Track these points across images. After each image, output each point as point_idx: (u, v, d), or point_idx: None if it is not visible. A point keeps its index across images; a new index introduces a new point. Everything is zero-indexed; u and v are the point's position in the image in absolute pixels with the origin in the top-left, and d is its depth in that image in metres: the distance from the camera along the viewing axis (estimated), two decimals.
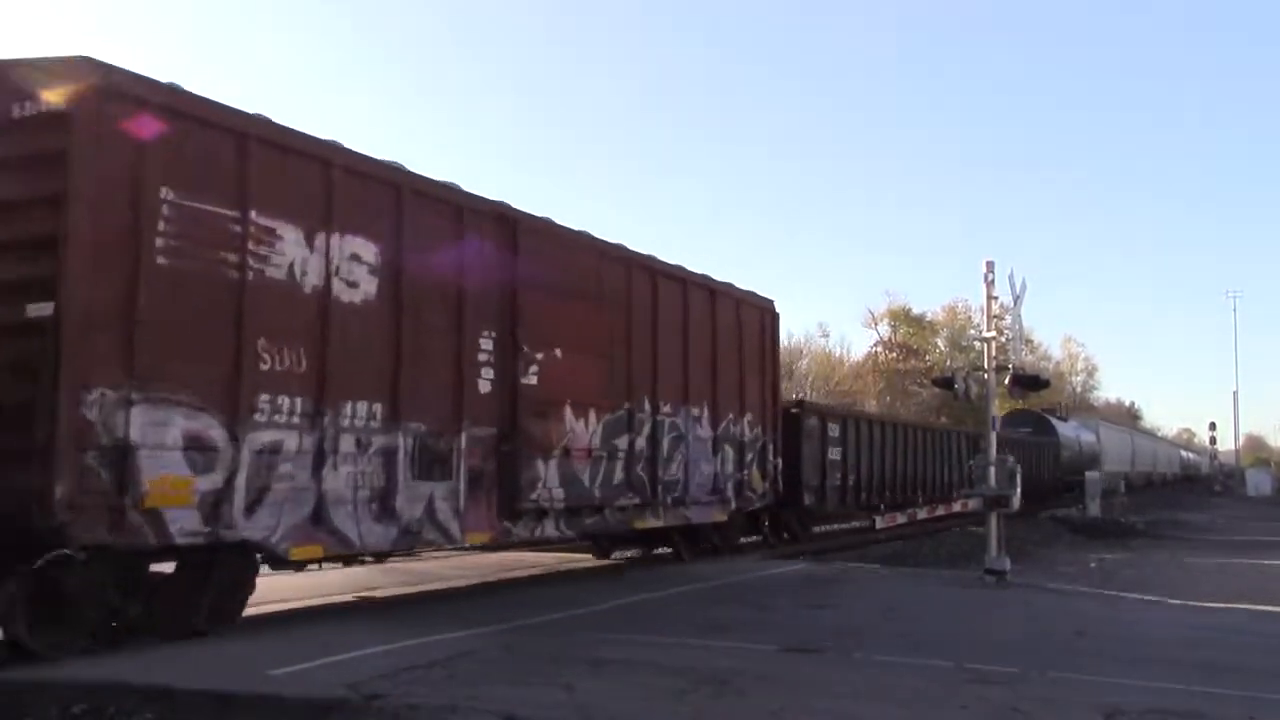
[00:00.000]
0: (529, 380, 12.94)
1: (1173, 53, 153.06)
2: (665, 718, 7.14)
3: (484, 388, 12.38)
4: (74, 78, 8.57)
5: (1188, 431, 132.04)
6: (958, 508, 29.46)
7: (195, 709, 7.09)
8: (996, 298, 17.51)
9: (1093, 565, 19.70)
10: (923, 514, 28.63)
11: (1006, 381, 18.36)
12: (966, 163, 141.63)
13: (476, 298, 12.32)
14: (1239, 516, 37.40)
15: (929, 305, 78.57)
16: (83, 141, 8.45)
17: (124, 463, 8.45)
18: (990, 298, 17.26)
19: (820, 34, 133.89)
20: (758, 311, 19.02)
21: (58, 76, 8.62)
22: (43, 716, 6.92)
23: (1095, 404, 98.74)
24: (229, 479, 9.31)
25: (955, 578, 16.90)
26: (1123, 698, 8.05)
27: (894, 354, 71.02)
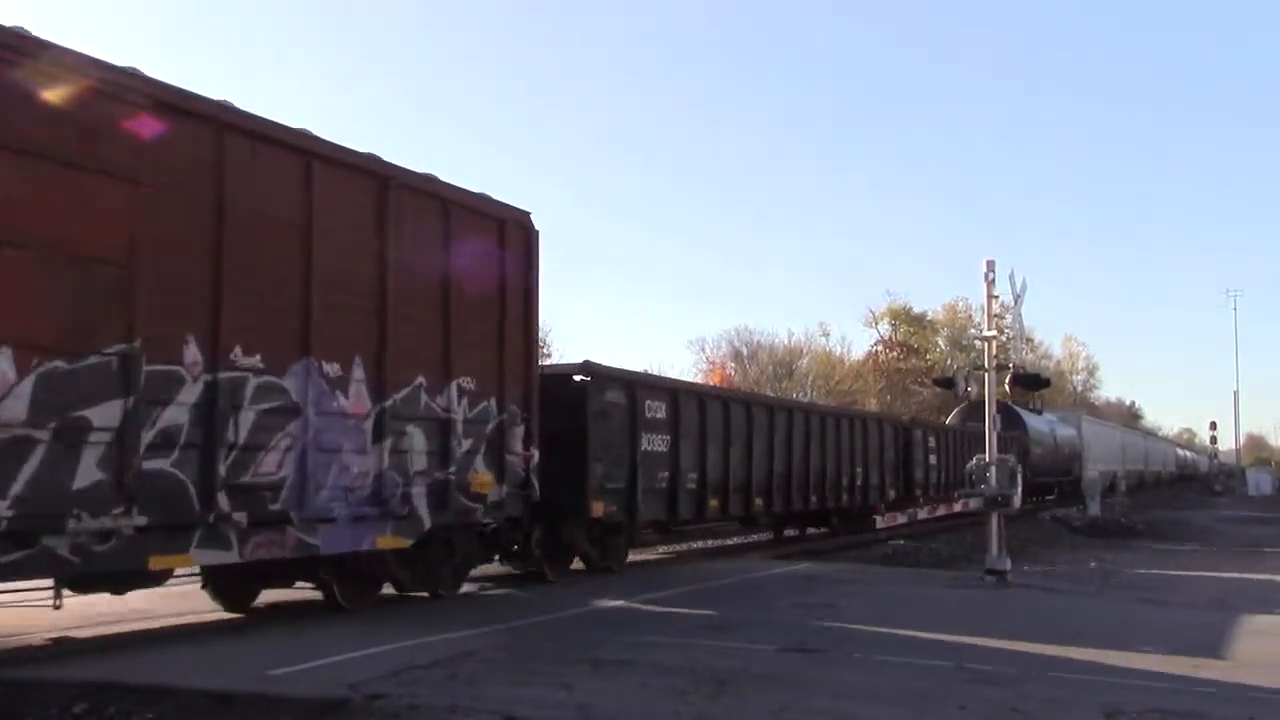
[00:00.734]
0: None
1: (1173, 52, 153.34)
2: (665, 718, 7.14)
3: None
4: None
5: (1188, 431, 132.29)
6: (958, 507, 29.48)
7: (195, 709, 7.10)
8: (997, 297, 17.55)
9: (1093, 566, 19.70)
10: (923, 514, 28.69)
11: (1007, 381, 18.40)
12: (967, 162, 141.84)
13: None
14: (1239, 517, 37.39)
15: (929, 304, 78.52)
16: None
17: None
18: (991, 297, 17.29)
19: (820, 33, 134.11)
20: (494, 225, 13.04)
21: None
22: (43, 716, 6.92)
23: (1095, 403, 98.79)
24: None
25: (955, 578, 16.92)
26: (1123, 698, 8.06)
27: (894, 353, 70.99)
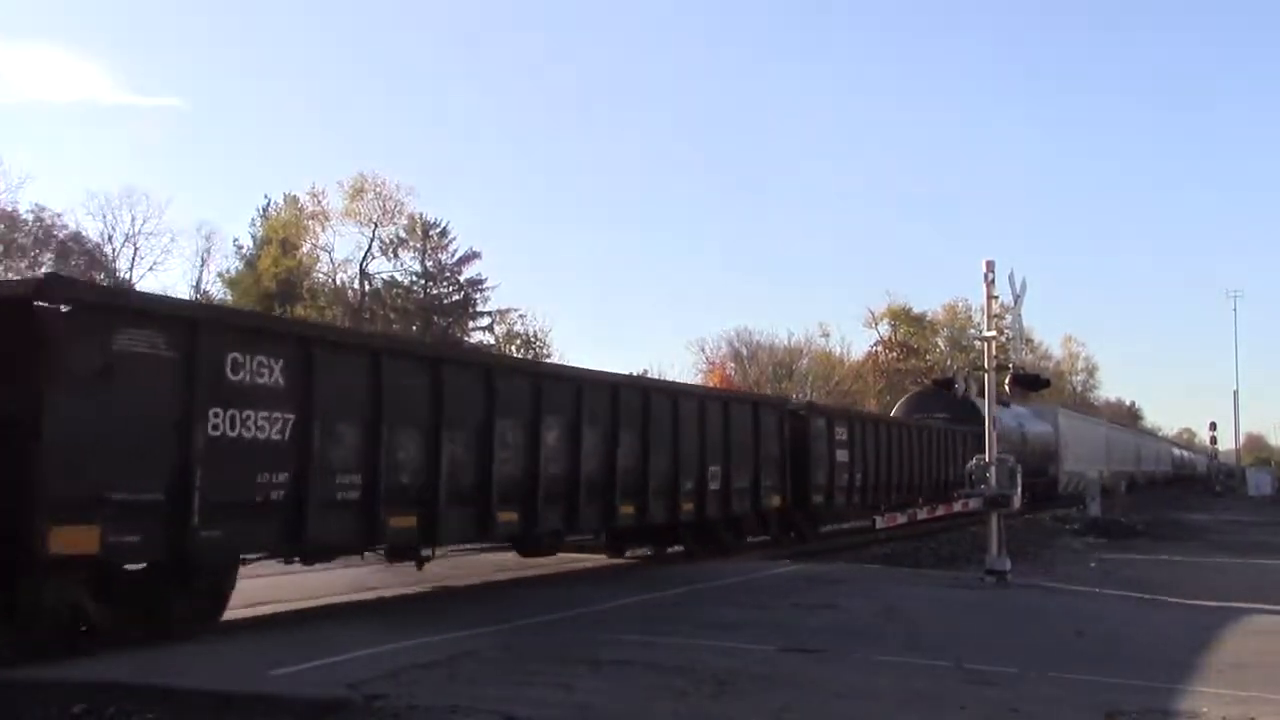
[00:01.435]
0: None
1: (1173, 52, 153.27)
2: (665, 718, 7.13)
3: None
4: None
5: (1188, 431, 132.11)
6: (958, 507, 29.43)
7: (195, 709, 7.10)
8: (997, 297, 17.53)
9: (1093, 565, 19.68)
10: (923, 514, 28.64)
11: (1007, 381, 18.39)
12: (968, 162, 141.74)
13: None
14: (1239, 518, 37.34)
15: (929, 305, 78.59)
16: None
17: None
18: (990, 297, 17.27)
19: (820, 33, 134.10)
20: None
21: None
22: (43, 716, 6.92)
23: (1095, 403, 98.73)
24: None
25: (955, 578, 16.91)
26: (1123, 698, 8.05)
27: (894, 353, 71.08)
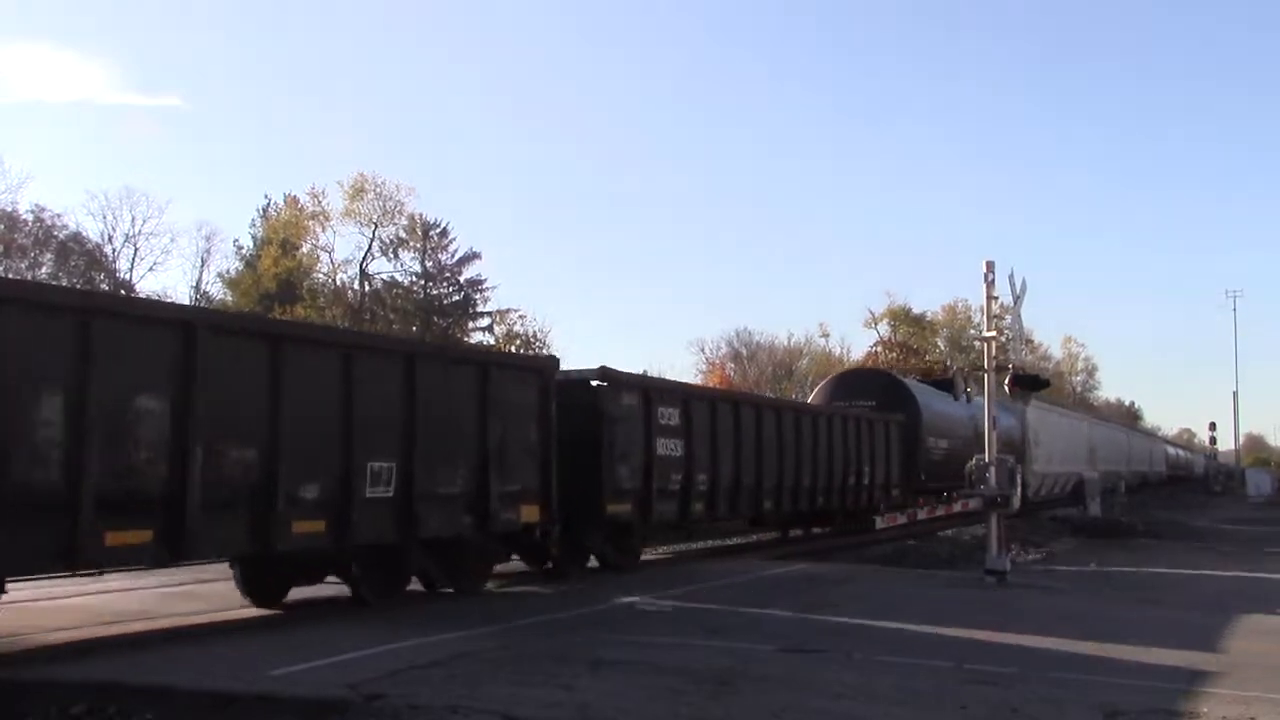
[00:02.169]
0: None
1: (1174, 53, 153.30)
2: (665, 718, 7.14)
3: None
4: None
5: (1188, 431, 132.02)
6: (958, 508, 29.47)
7: (195, 709, 7.10)
8: (996, 298, 17.54)
9: (1092, 566, 19.68)
10: (923, 514, 28.67)
11: (1007, 381, 18.39)
12: (967, 163, 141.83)
13: None
14: (1239, 518, 37.34)
15: (929, 305, 78.56)
16: None
17: None
18: (990, 298, 17.28)
19: (820, 33, 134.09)
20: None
21: None
22: (43, 716, 6.92)
23: (1095, 403, 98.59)
24: None
25: (955, 578, 16.91)
26: (1123, 698, 8.05)
27: (894, 354, 70.95)
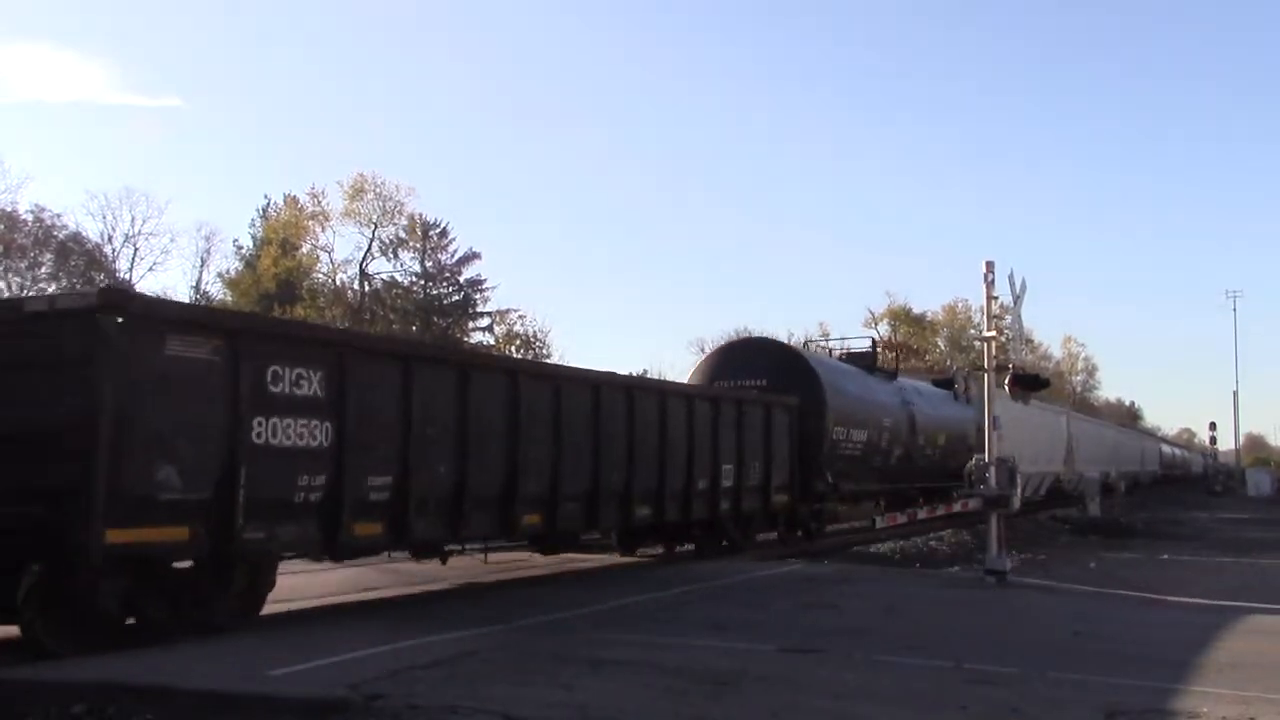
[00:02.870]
0: None
1: (1174, 53, 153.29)
2: (665, 718, 7.14)
3: None
4: None
5: (1188, 431, 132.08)
6: (958, 508, 29.39)
7: (195, 709, 7.10)
8: (996, 298, 17.54)
9: (1092, 565, 19.68)
10: (923, 514, 28.63)
11: (1007, 381, 18.40)
12: (967, 162, 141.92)
13: None
14: (1239, 518, 37.30)
15: (929, 305, 78.71)
16: None
17: None
18: (990, 298, 17.27)
19: (820, 33, 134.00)
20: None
21: None
22: (43, 716, 6.92)
23: (1095, 403, 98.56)
24: None
25: (955, 578, 16.91)
26: (1123, 698, 8.05)
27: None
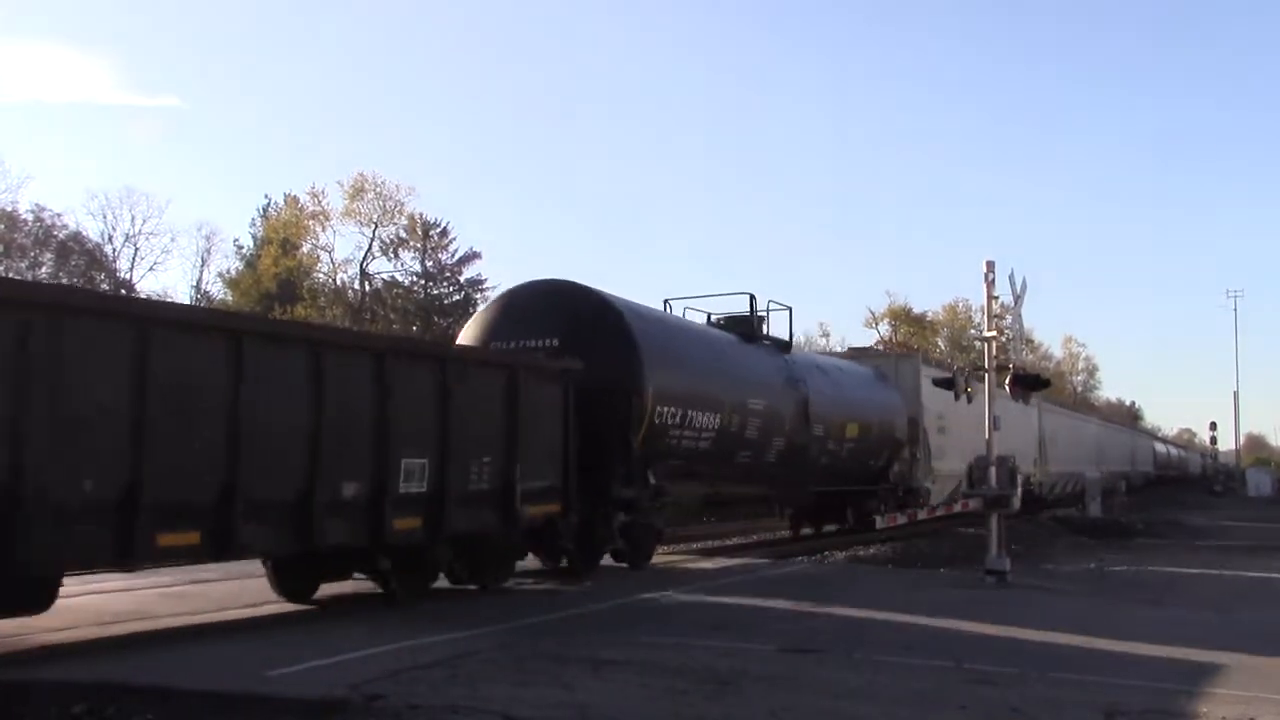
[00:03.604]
0: None
1: (1174, 53, 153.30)
2: (665, 718, 7.13)
3: None
4: None
5: (1188, 431, 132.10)
6: (958, 508, 29.36)
7: (194, 709, 7.10)
8: (997, 297, 17.51)
9: (1092, 566, 19.67)
10: (923, 514, 28.61)
11: (1007, 381, 18.37)
12: (967, 163, 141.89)
13: None
14: (1239, 518, 37.28)
15: (929, 305, 78.75)
16: None
17: None
18: (990, 297, 17.26)
19: (819, 33, 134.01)
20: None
21: None
22: (43, 716, 6.92)
23: (1095, 403, 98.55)
24: None
25: (955, 578, 16.90)
26: (1123, 697, 8.05)
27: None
